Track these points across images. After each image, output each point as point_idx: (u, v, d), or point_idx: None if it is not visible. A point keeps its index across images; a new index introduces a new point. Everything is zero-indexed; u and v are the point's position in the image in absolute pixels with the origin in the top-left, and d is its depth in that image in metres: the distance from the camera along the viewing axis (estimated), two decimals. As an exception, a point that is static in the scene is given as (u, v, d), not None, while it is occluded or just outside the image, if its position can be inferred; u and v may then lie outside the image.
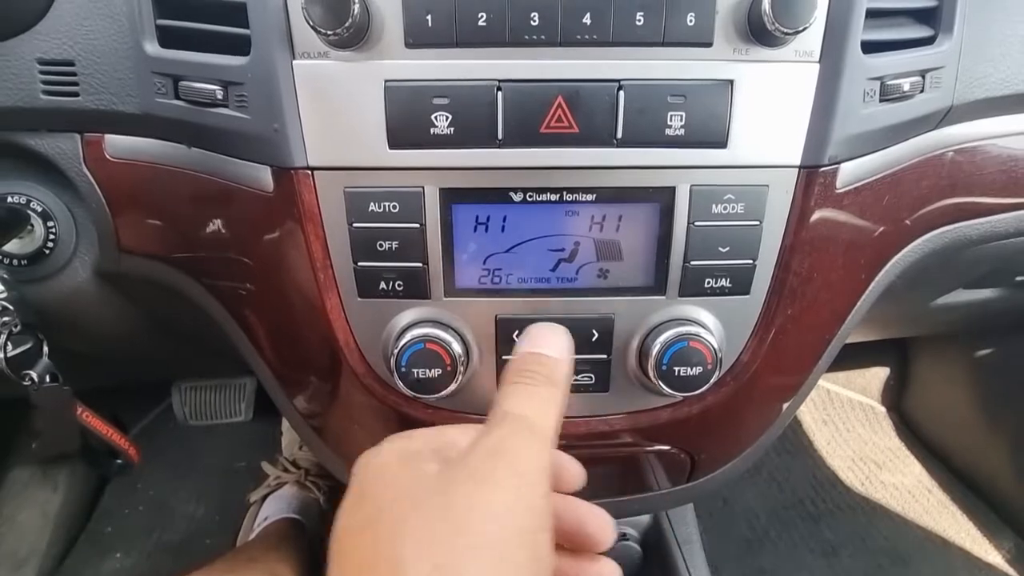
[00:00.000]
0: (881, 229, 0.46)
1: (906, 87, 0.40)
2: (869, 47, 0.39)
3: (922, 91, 0.41)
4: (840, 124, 0.38)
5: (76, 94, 0.42)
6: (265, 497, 0.97)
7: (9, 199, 0.48)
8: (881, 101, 0.40)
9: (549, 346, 0.33)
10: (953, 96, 0.43)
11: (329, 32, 0.34)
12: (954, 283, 0.67)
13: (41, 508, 1.02)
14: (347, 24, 0.34)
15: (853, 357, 1.28)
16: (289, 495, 0.96)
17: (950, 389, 1.16)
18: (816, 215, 0.41)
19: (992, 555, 1.00)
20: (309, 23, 0.34)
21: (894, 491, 1.12)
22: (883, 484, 1.13)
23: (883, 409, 1.30)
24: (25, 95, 0.42)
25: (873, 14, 0.39)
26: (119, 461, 0.60)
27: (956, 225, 0.51)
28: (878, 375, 1.31)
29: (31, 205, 0.48)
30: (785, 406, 0.54)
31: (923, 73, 0.41)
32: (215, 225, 0.45)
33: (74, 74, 0.42)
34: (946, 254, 0.52)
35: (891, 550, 1.01)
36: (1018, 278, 0.67)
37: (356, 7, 0.34)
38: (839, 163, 0.40)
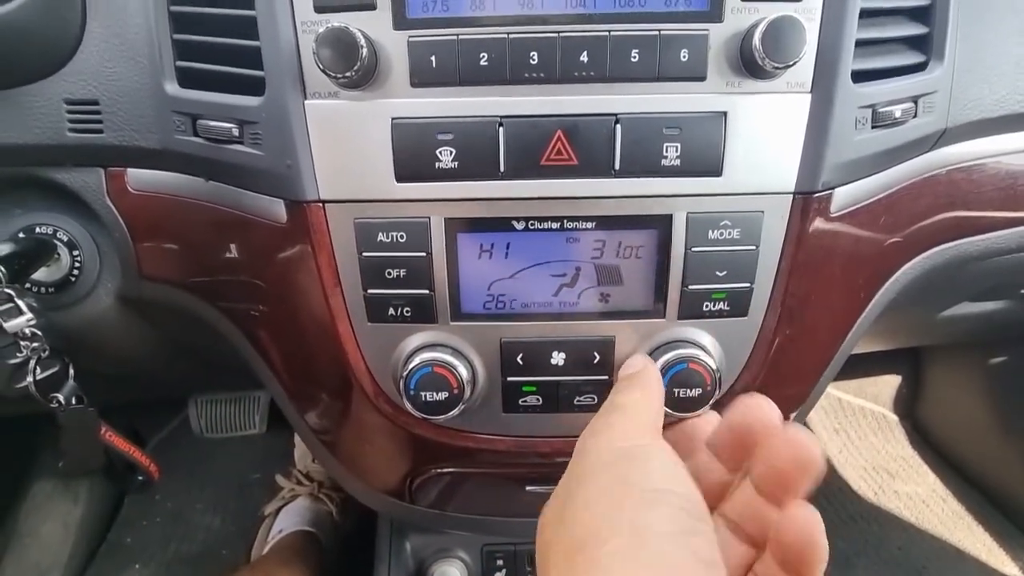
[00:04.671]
0: (878, 250, 0.47)
1: (898, 113, 0.40)
2: (860, 75, 0.40)
3: (915, 116, 0.42)
4: (833, 151, 0.39)
5: (100, 131, 0.45)
6: (279, 509, 0.99)
7: (37, 229, 0.50)
8: (873, 128, 0.40)
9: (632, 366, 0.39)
10: (947, 119, 0.44)
11: (339, 75, 0.36)
12: (959, 297, 0.67)
13: (63, 520, 1.05)
14: (356, 67, 0.36)
15: (864, 365, 1.27)
16: (303, 507, 0.97)
17: (964, 397, 1.15)
18: (812, 239, 0.42)
19: (1008, 566, 0.99)
20: (320, 66, 0.36)
21: (908, 501, 1.11)
22: (896, 493, 1.12)
23: (896, 417, 1.29)
24: (53, 133, 0.45)
25: (864, 43, 0.40)
26: (140, 478, 0.62)
27: (956, 242, 0.51)
28: (890, 383, 1.30)
29: (57, 235, 0.50)
30: (792, 416, 0.55)
31: (915, 99, 0.42)
32: (231, 254, 0.47)
33: (98, 112, 0.44)
34: (947, 270, 0.53)
35: (905, 560, 1.00)
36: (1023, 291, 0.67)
37: (364, 50, 0.36)
38: (833, 188, 0.41)
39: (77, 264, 0.51)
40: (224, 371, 0.77)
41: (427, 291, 0.43)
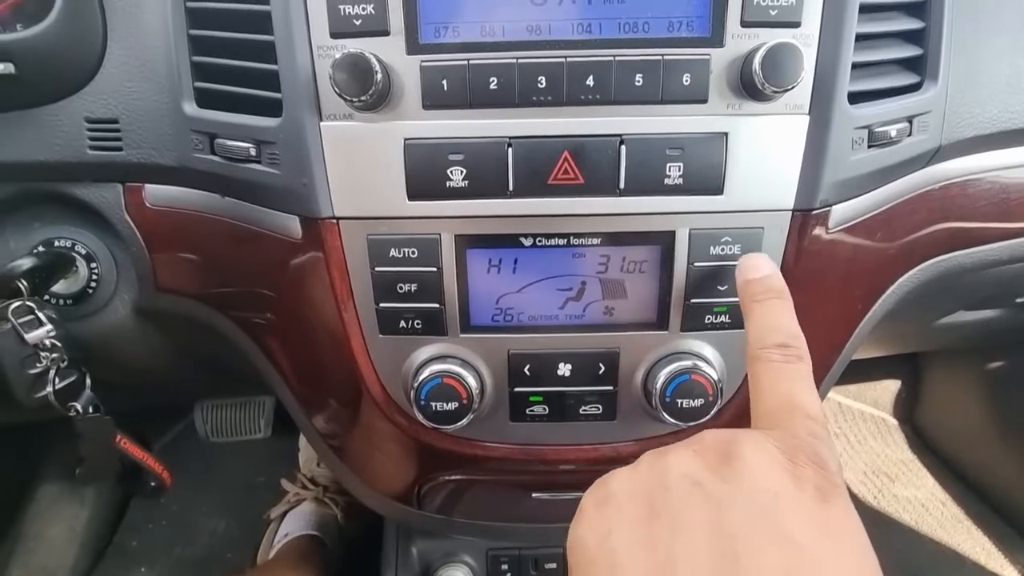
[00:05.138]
0: (875, 263, 0.48)
1: (893, 133, 0.42)
2: (856, 97, 0.41)
3: (910, 135, 0.43)
4: (830, 170, 0.41)
5: (120, 148, 0.46)
6: (284, 514, 1.00)
7: (56, 243, 0.52)
8: (870, 147, 0.42)
9: (756, 269, 0.37)
10: (941, 137, 0.45)
11: (354, 98, 0.38)
12: (955, 306, 0.69)
13: (69, 523, 1.06)
14: (371, 91, 0.37)
15: (864, 370, 1.28)
16: (308, 512, 0.98)
17: (963, 401, 1.15)
18: (810, 254, 0.43)
19: (1008, 570, 0.99)
20: (335, 90, 0.38)
21: (907, 505, 1.12)
22: (896, 497, 1.13)
23: (895, 422, 1.30)
24: (74, 150, 0.46)
25: (860, 66, 0.41)
26: (152, 483, 0.63)
27: (951, 254, 0.53)
28: (890, 387, 1.31)
29: (76, 248, 0.52)
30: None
31: (910, 119, 0.43)
32: (246, 268, 0.48)
33: (118, 131, 0.46)
34: (943, 282, 0.54)
35: (904, 565, 1.01)
36: (1018, 299, 0.69)
37: (378, 75, 0.37)
38: (830, 206, 0.43)
39: (95, 277, 0.52)
40: (235, 378, 0.78)
41: (437, 305, 0.44)
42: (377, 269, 0.43)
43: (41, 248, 0.51)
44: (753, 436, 0.28)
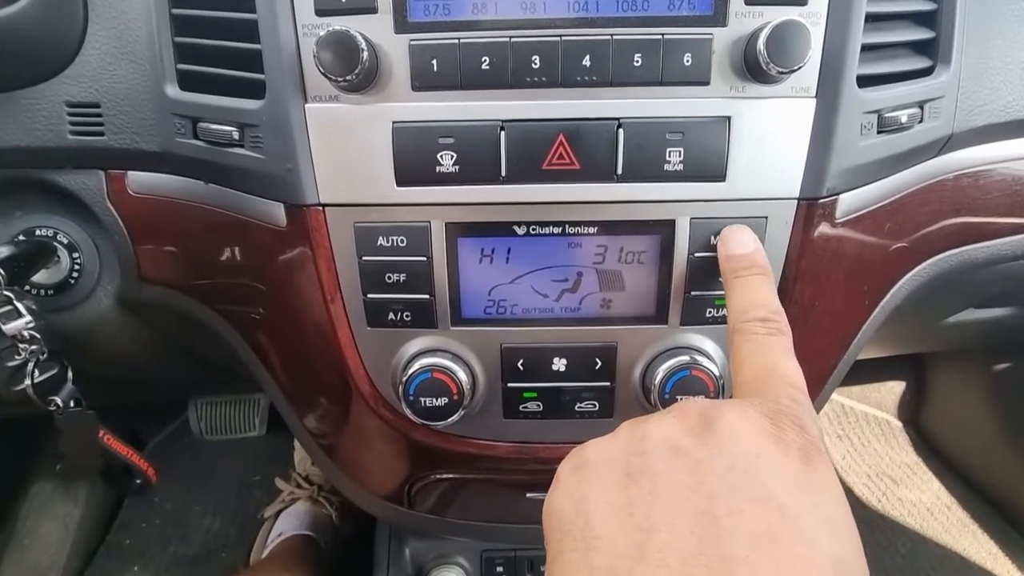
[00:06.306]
0: (883, 256, 0.46)
1: (904, 119, 0.40)
2: (866, 80, 0.39)
3: (921, 121, 0.42)
4: (838, 157, 0.39)
5: (101, 133, 0.44)
6: (278, 513, 0.98)
7: (37, 232, 0.50)
8: (879, 133, 0.40)
9: (741, 245, 0.38)
10: (953, 125, 0.44)
11: (339, 78, 0.36)
12: (964, 303, 0.67)
13: (62, 521, 1.05)
14: (356, 70, 0.36)
15: (868, 371, 1.26)
16: (302, 511, 0.97)
17: (968, 403, 1.14)
18: (816, 245, 0.42)
19: (1014, 574, 0.98)
20: (320, 70, 0.36)
21: (912, 508, 1.10)
22: (900, 501, 1.12)
23: (899, 424, 1.28)
24: (54, 135, 0.45)
25: (869, 48, 0.39)
26: (138, 481, 0.61)
27: (962, 248, 0.51)
28: (894, 389, 1.29)
29: (57, 237, 0.50)
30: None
31: (921, 104, 0.41)
32: (231, 257, 0.47)
33: (99, 115, 0.44)
34: (953, 277, 0.52)
35: (909, 568, 0.99)
36: (1030, 297, 0.67)
37: (365, 54, 0.36)
38: (838, 194, 0.41)
39: (77, 266, 0.51)
40: (223, 373, 0.77)
41: (427, 296, 0.42)
42: (364, 258, 0.42)
43: (22, 237, 0.50)
44: (735, 403, 0.28)
